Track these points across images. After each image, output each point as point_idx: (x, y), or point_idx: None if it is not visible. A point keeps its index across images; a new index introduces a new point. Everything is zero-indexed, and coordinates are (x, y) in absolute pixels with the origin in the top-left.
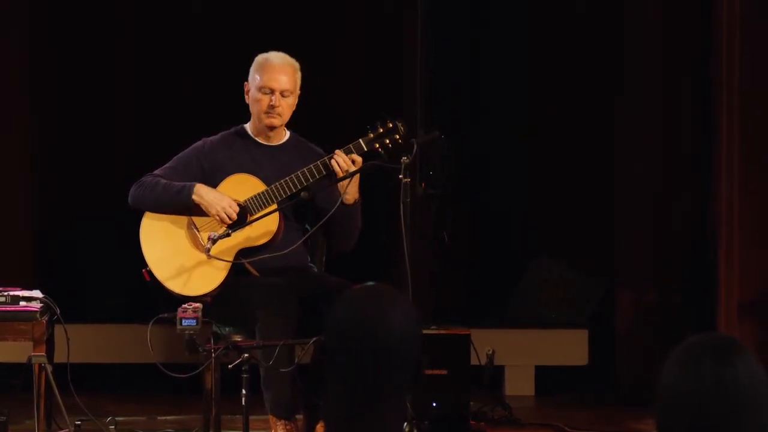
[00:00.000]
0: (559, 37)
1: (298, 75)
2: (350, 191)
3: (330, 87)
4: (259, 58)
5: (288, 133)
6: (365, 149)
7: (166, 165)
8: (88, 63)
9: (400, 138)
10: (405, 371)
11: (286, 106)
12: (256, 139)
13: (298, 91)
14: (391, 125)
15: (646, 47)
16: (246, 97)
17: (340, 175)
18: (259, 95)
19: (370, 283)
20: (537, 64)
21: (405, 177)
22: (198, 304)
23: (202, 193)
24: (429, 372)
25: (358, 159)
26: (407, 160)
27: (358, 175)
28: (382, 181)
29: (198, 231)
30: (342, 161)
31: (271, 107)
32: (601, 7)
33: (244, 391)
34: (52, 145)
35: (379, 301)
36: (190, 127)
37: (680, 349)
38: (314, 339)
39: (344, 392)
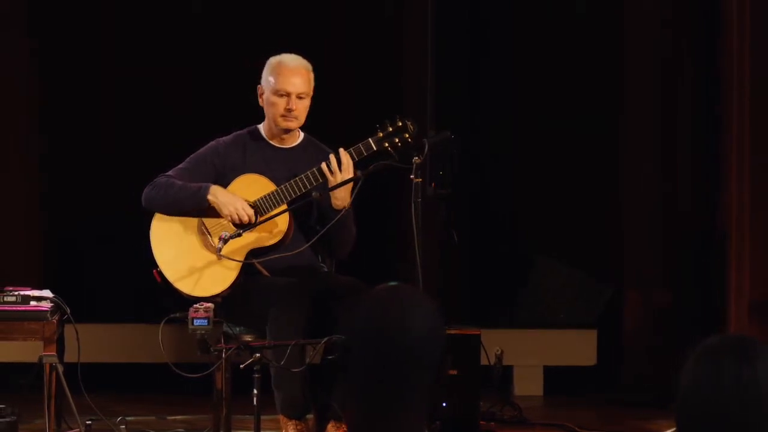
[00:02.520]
0: (561, 37)
1: (312, 76)
2: (339, 196)
3: (330, 88)
4: (273, 60)
5: (302, 135)
6: (374, 148)
7: (180, 166)
8: (93, 63)
9: (410, 137)
10: (427, 372)
11: (302, 109)
12: (270, 141)
13: (312, 93)
14: (400, 124)
15: (649, 45)
16: (260, 100)
17: (330, 179)
18: (275, 99)
19: (392, 282)
20: (540, 63)
21: (416, 177)
22: (209, 304)
23: (216, 193)
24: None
25: (349, 166)
26: (419, 160)
27: (350, 184)
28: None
29: (208, 232)
30: (333, 165)
31: (288, 110)
32: (601, 6)
33: (255, 391)
34: (60, 145)
35: (402, 302)
36: (196, 126)
37: (700, 350)
38: (325, 339)
39: (365, 393)
